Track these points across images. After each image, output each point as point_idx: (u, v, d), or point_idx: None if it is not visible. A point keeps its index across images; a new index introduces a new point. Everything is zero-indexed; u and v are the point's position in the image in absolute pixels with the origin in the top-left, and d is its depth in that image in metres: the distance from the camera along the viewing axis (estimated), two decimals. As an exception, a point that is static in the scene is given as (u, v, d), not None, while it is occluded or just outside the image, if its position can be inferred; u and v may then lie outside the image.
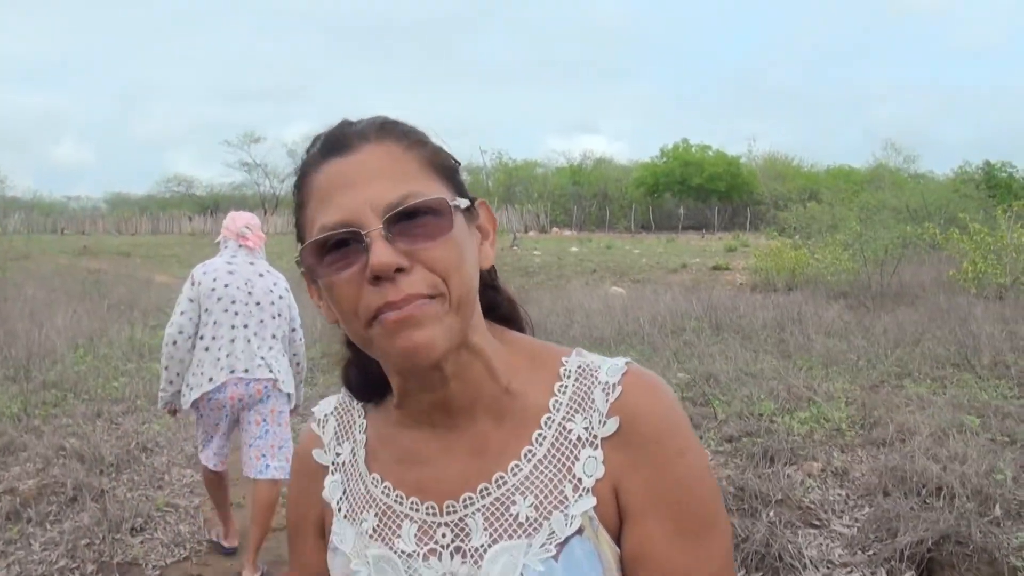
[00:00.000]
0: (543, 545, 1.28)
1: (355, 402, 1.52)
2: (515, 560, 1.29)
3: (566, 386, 1.35)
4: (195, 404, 5.85)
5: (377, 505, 1.41)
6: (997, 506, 6.29)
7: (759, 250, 27.54)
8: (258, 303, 5.89)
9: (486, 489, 1.34)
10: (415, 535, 1.37)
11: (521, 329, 1.51)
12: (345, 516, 1.44)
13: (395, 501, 1.40)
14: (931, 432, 8.19)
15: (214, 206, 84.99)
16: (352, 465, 1.48)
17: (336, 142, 1.29)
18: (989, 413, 9.06)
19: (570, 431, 1.32)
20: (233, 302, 5.81)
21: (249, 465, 5.89)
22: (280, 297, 6.02)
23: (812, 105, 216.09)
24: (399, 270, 1.19)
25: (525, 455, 1.33)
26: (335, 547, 1.43)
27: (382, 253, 1.18)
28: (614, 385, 1.32)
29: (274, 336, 5.94)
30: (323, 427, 1.54)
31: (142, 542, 6.43)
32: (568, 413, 1.33)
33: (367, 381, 1.48)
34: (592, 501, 1.28)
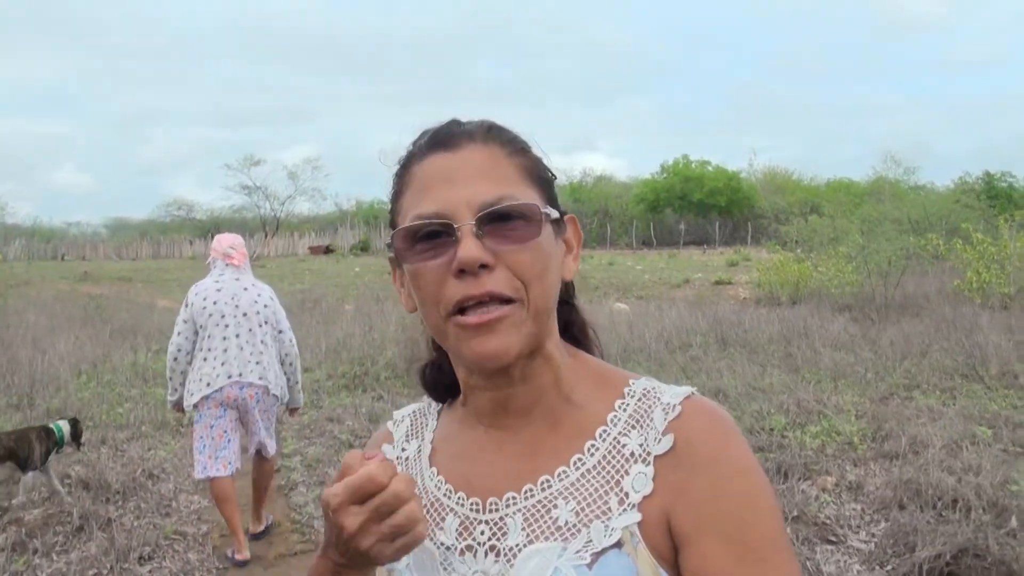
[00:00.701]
0: (578, 552, 1.27)
1: (432, 407, 1.58)
2: (548, 562, 1.28)
3: (627, 404, 1.36)
4: (196, 405, 6.65)
5: (428, 497, 1.44)
6: (1013, 518, 6.25)
7: (761, 264, 27.45)
8: (245, 314, 6.71)
9: (530, 491, 1.35)
10: (456, 529, 1.39)
11: (590, 350, 1.53)
12: None
13: (444, 495, 1.43)
14: (943, 444, 8.16)
15: (215, 229, 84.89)
16: (416, 460, 1.52)
17: (443, 138, 1.35)
18: (1000, 423, 9.04)
19: (624, 446, 1.32)
20: (223, 316, 6.66)
21: (257, 449, 6.91)
22: (265, 306, 6.84)
23: (811, 119, 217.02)
24: (484, 266, 1.24)
25: (574, 463, 1.34)
26: None
27: (471, 248, 1.23)
28: (674, 406, 1.32)
29: (263, 342, 6.77)
30: (397, 426, 1.60)
31: (151, 571, 6.38)
32: (625, 429, 1.34)
33: (442, 381, 1.52)
34: (636, 517, 1.27)
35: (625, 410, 1.35)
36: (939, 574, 5.49)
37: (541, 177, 1.37)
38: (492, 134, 1.35)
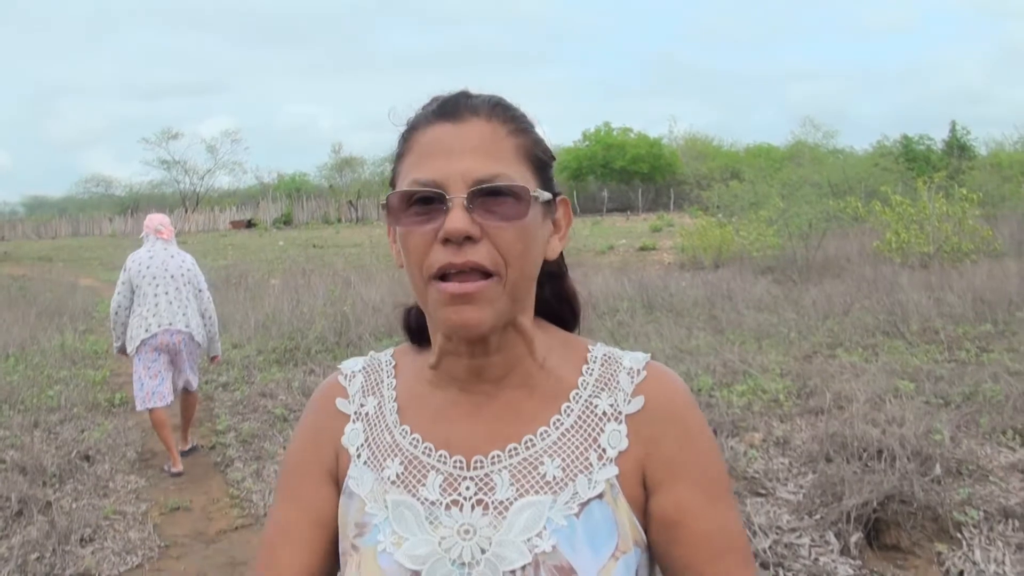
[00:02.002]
0: (567, 503, 1.38)
1: (385, 365, 1.60)
2: (540, 513, 1.37)
3: (592, 369, 1.48)
4: (136, 349, 8.21)
5: (403, 454, 1.47)
6: (937, 465, 6.44)
7: (684, 229, 27.69)
8: (172, 276, 8.34)
9: (515, 449, 1.43)
10: (440, 485, 1.43)
11: (570, 322, 1.62)
12: (365, 463, 1.49)
13: (423, 453, 1.46)
14: (867, 398, 8.35)
15: (134, 206, 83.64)
16: (378, 417, 1.54)
17: (450, 108, 1.40)
18: (922, 377, 9.25)
19: (596, 406, 1.44)
20: (155, 278, 8.27)
21: (185, 384, 8.57)
22: (188, 270, 8.48)
23: (729, 85, 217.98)
24: (469, 238, 1.31)
25: (554, 423, 1.44)
26: (351, 492, 1.48)
27: (458, 219, 1.30)
28: (639, 371, 1.47)
29: (187, 298, 8.40)
30: (350, 381, 1.60)
31: (93, 552, 6.29)
32: (595, 391, 1.46)
33: (425, 325, 1.53)
34: (614, 470, 1.40)
35: (591, 374, 1.47)
36: (867, 521, 5.63)
37: (538, 158, 1.43)
38: (497, 111, 1.40)
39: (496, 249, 1.33)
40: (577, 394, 1.45)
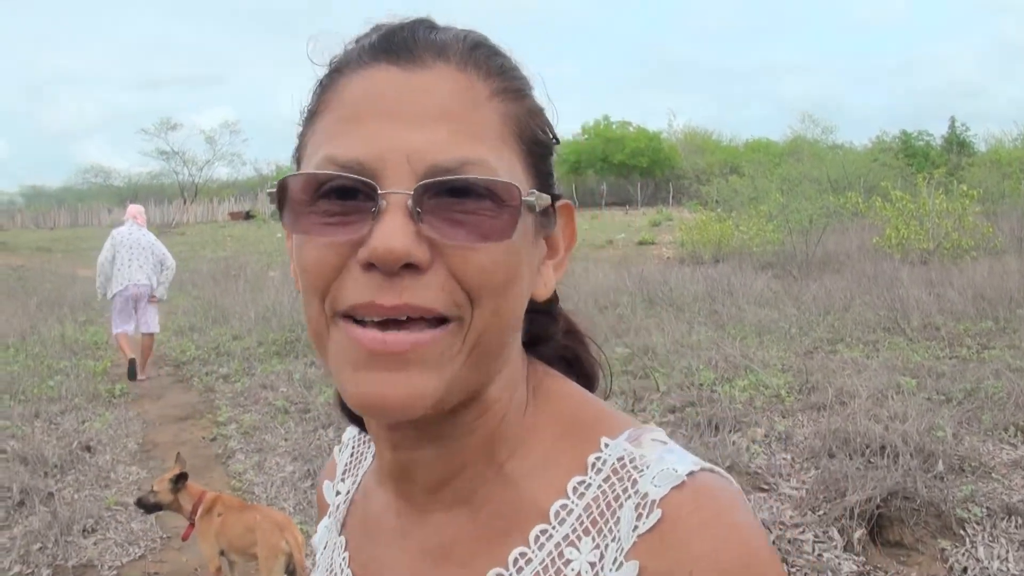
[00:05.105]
0: None
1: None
2: None
3: (589, 485, 0.89)
4: (114, 296, 12.05)
5: None
6: (940, 462, 6.46)
7: (684, 224, 27.67)
8: (142, 248, 12.14)
9: None
10: None
11: (586, 380, 1.07)
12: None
13: None
14: (869, 394, 8.36)
15: (132, 196, 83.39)
16: (336, 515, 1.14)
17: (399, 44, 0.88)
18: (923, 373, 9.26)
19: (568, 563, 0.86)
20: (130, 248, 12.03)
21: (143, 326, 12.24)
22: (152, 243, 12.29)
23: (728, 80, 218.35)
24: (410, 265, 0.81)
25: None
26: None
27: (394, 234, 0.80)
28: (654, 503, 0.83)
29: (149, 264, 12.15)
30: (342, 452, 1.20)
31: (95, 543, 6.34)
32: (576, 531, 0.87)
33: None
34: None
35: (583, 496, 0.88)
36: (870, 517, 5.64)
37: (535, 139, 0.92)
38: (476, 56, 0.89)
39: (457, 282, 0.82)
40: (546, 533, 0.88)
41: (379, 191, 0.81)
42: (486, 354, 0.86)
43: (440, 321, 0.83)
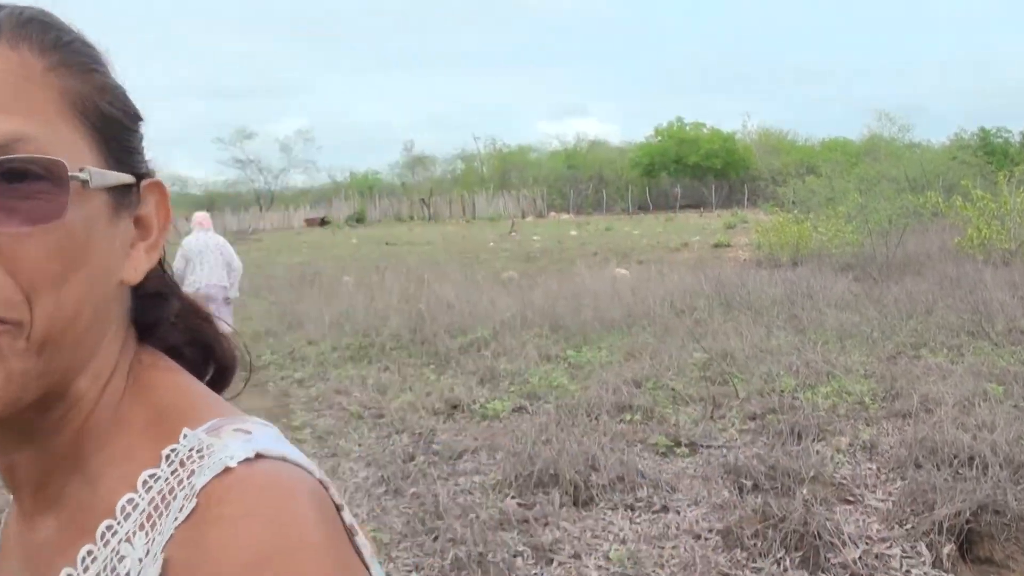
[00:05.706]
0: None
1: None
2: None
3: (159, 478, 0.81)
4: None
5: None
6: (1032, 474, 6.26)
7: (760, 226, 27.41)
8: (211, 250, 12.19)
9: None
10: None
11: (200, 366, 1.03)
12: None
13: None
14: (955, 401, 8.16)
15: (210, 204, 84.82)
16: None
17: None
18: (1010, 380, 9.04)
19: (123, 559, 0.78)
20: (200, 252, 12.12)
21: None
22: (220, 245, 12.36)
23: (803, 79, 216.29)
24: None
25: None
26: None
27: None
28: (195, 493, 0.76)
29: (219, 265, 12.20)
30: None
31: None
32: (135, 527, 0.79)
33: None
34: None
35: (150, 489, 0.81)
36: (959, 531, 5.49)
37: (104, 115, 0.85)
38: (28, 31, 0.81)
39: (10, 277, 0.74)
40: (112, 530, 0.80)
41: None
42: (59, 349, 0.79)
43: None
